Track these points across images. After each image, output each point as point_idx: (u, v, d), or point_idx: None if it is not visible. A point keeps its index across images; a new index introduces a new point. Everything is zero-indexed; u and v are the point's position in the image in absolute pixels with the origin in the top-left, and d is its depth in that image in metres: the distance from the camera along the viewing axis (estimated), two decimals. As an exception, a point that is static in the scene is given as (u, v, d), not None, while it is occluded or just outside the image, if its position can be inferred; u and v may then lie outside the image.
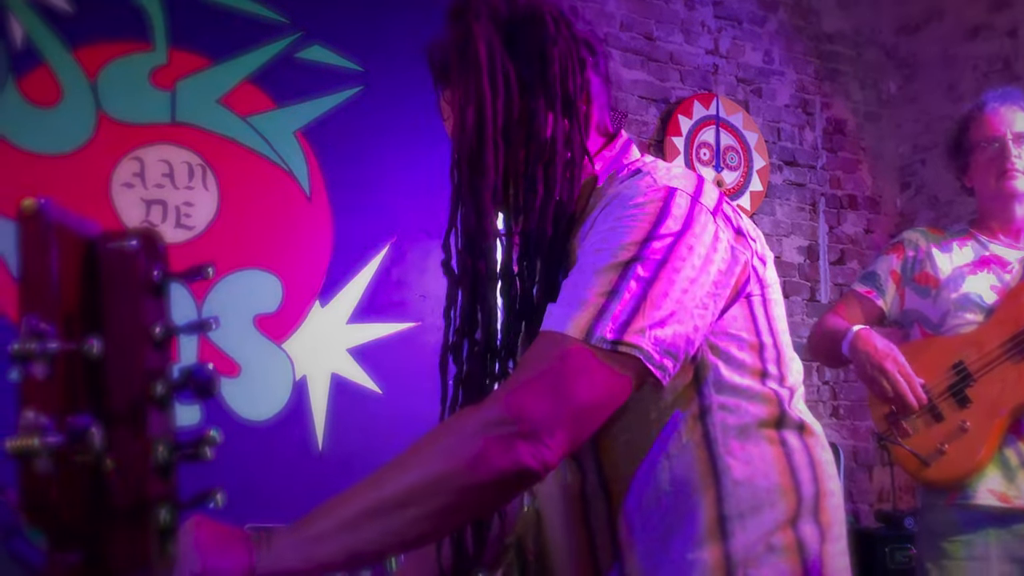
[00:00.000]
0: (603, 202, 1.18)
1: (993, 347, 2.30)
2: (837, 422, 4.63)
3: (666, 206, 1.12)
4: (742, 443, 1.17)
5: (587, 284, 1.09)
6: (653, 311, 1.08)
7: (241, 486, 2.84)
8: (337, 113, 3.31)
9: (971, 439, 2.28)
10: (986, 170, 2.45)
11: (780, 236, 4.67)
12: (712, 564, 1.14)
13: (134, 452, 0.75)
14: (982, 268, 2.42)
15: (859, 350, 2.37)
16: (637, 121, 4.34)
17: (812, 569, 1.17)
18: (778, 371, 1.21)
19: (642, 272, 1.09)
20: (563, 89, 1.23)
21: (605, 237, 1.12)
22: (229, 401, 2.98)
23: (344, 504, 1.05)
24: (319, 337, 3.12)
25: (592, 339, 1.06)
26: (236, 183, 3.13)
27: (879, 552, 3.78)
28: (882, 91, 5.14)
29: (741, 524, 1.15)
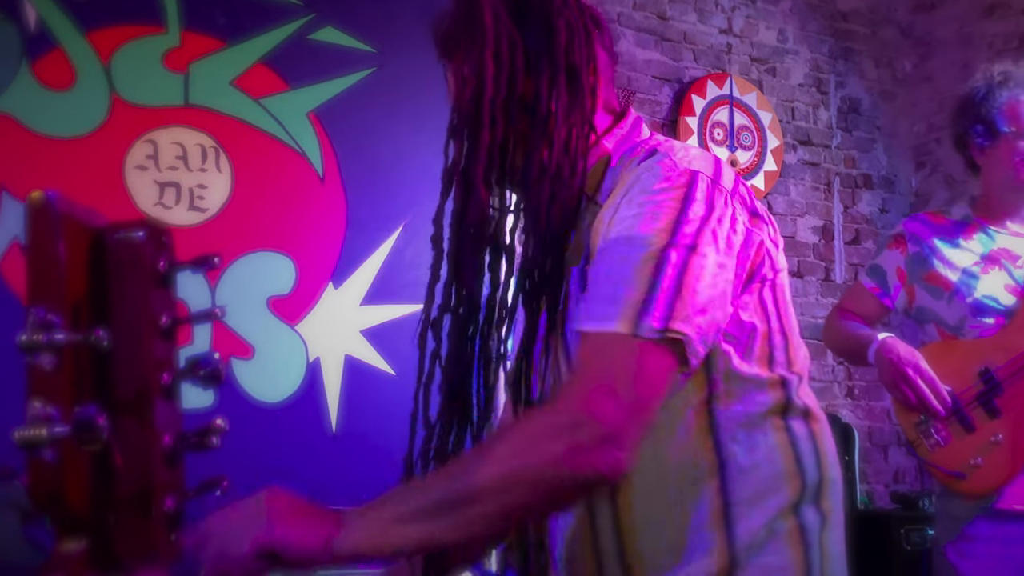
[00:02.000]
0: (624, 186, 1.17)
1: (1019, 353, 2.28)
2: (852, 402, 4.63)
3: (690, 191, 1.13)
4: (748, 431, 1.18)
5: (626, 279, 1.09)
6: (693, 297, 1.09)
7: (254, 467, 2.86)
8: (350, 94, 3.30)
9: (1004, 451, 2.26)
10: (1008, 160, 2.41)
11: (794, 216, 4.65)
12: (716, 549, 1.15)
13: (140, 441, 0.76)
14: (992, 265, 2.37)
15: (884, 358, 2.35)
16: (650, 101, 4.32)
17: (812, 554, 1.18)
18: (785, 357, 1.22)
19: (675, 259, 1.09)
20: (568, 60, 1.21)
21: (632, 224, 1.11)
22: (243, 383, 2.99)
23: (422, 493, 1.07)
24: (332, 319, 3.12)
25: (641, 331, 1.07)
26: (249, 165, 3.13)
27: (894, 533, 3.77)
28: (897, 70, 5.09)
29: (746, 511, 1.16)
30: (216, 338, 2.95)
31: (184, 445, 0.79)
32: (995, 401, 2.30)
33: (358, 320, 3.16)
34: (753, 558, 1.15)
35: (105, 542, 0.73)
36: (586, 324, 1.10)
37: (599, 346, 1.09)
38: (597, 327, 1.09)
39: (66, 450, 0.69)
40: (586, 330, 1.10)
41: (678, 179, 1.13)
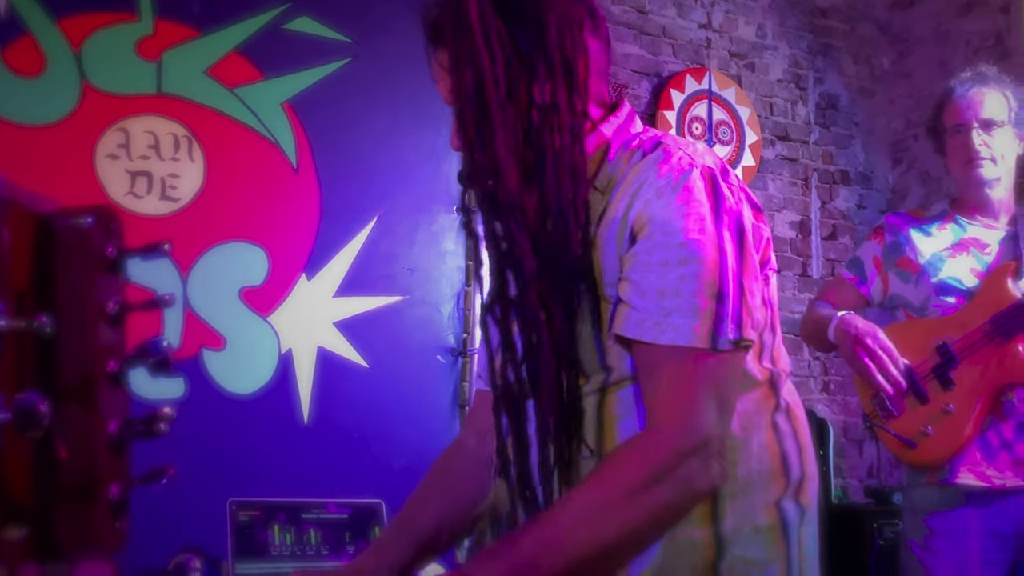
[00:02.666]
0: (635, 180, 1.17)
1: (975, 329, 2.32)
2: (828, 397, 4.64)
3: (716, 187, 1.14)
4: (742, 426, 1.18)
5: (692, 289, 1.10)
6: (752, 298, 1.13)
7: (225, 459, 2.87)
8: (325, 85, 3.28)
9: (955, 421, 2.30)
10: (955, 156, 2.46)
11: (772, 211, 4.65)
12: (703, 543, 1.17)
13: (85, 428, 0.75)
14: (961, 251, 2.42)
15: (842, 332, 2.40)
16: (629, 95, 4.31)
17: (791, 548, 1.20)
18: (772, 353, 1.24)
19: (731, 263, 1.12)
20: (561, 53, 1.20)
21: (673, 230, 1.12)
22: (214, 374, 2.97)
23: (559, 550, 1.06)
24: (305, 310, 3.11)
25: (719, 344, 1.10)
26: (222, 155, 3.11)
27: (867, 528, 3.79)
28: (875, 66, 5.11)
29: (732, 505, 1.17)
30: (187, 329, 2.93)
31: (131, 432, 0.77)
32: (950, 373, 2.35)
33: (331, 312, 3.14)
34: (736, 551, 1.16)
35: (47, 530, 0.72)
36: (667, 338, 1.11)
37: (688, 363, 1.10)
38: (680, 342, 1.10)
39: (7, 437, 0.68)
40: (667, 344, 1.11)
41: (701, 176, 1.14)
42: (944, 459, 2.31)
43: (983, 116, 2.41)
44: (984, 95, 2.43)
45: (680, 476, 1.06)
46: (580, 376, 1.21)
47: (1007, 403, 2.31)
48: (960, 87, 2.47)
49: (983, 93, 2.44)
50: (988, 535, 2.29)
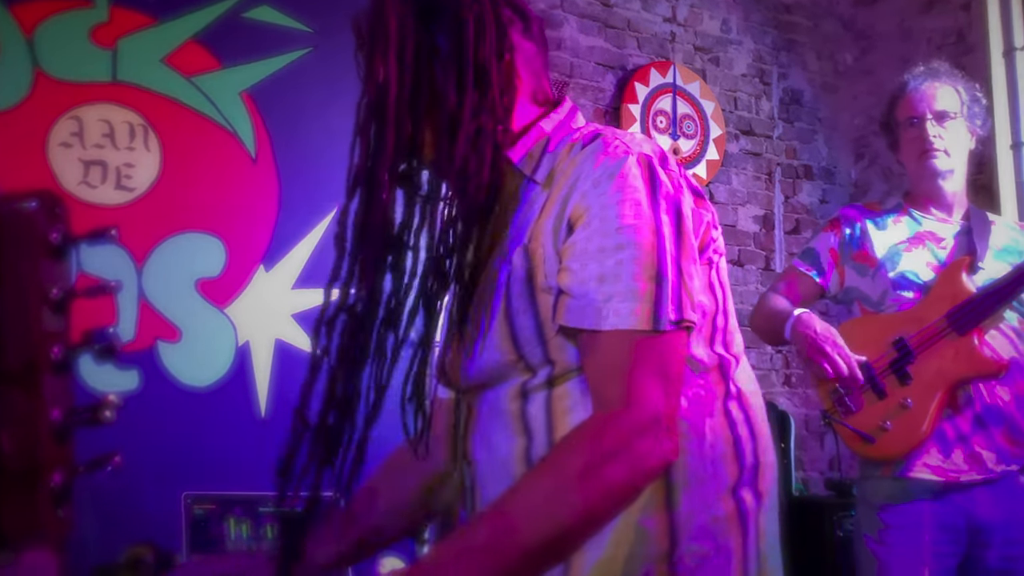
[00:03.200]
0: (574, 172, 1.17)
1: (932, 323, 2.34)
2: (789, 390, 4.67)
3: (653, 173, 1.14)
4: (693, 412, 1.18)
5: (630, 272, 1.11)
6: (690, 280, 1.14)
7: (181, 452, 2.83)
8: (285, 75, 3.25)
9: (912, 416, 2.32)
10: (909, 150, 2.48)
11: (736, 205, 4.67)
12: (657, 532, 1.16)
13: (27, 415, 0.73)
14: (917, 244, 2.44)
15: (799, 333, 2.41)
16: (593, 88, 4.31)
17: (749, 535, 1.20)
18: (724, 339, 1.23)
19: (669, 246, 1.12)
20: (476, 57, 1.20)
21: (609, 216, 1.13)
22: (169, 366, 2.93)
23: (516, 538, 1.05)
24: (263, 302, 3.07)
25: (660, 325, 1.10)
26: (179, 144, 3.06)
27: (827, 520, 3.81)
28: (839, 62, 5.14)
29: (687, 493, 1.17)
30: (142, 320, 2.89)
31: (75, 420, 0.76)
32: (907, 368, 2.36)
33: (289, 304, 3.11)
34: (692, 540, 1.16)
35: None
36: (609, 323, 1.11)
37: (632, 345, 1.10)
38: (622, 325, 1.10)
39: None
40: (609, 329, 1.11)
41: (637, 163, 1.15)
42: (903, 453, 2.32)
43: (936, 108, 2.44)
44: (937, 88, 2.46)
45: (632, 454, 1.05)
46: (528, 371, 1.20)
47: (963, 397, 2.32)
48: (913, 81, 2.50)
49: (936, 87, 2.46)
50: (941, 528, 2.31)
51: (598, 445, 1.07)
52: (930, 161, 2.44)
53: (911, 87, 2.48)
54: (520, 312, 1.18)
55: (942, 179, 2.46)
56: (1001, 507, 2.31)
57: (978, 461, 2.30)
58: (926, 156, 2.44)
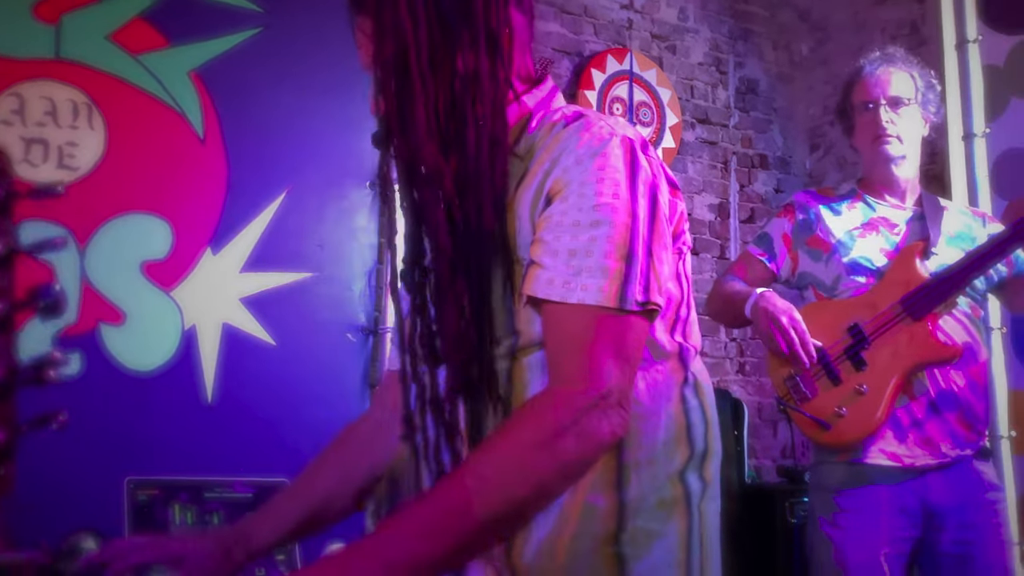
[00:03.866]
0: (557, 149, 1.17)
1: (886, 309, 2.34)
2: (743, 378, 4.69)
3: (634, 157, 1.16)
4: (650, 396, 1.20)
5: (602, 250, 1.11)
6: (660, 266, 1.14)
7: (124, 437, 2.76)
8: (234, 54, 3.18)
9: (868, 402, 2.32)
10: (863, 134, 2.49)
11: (692, 193, 4.67)
12: (606, 511, 1.16)
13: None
14: (871, 230, 2.45)
15: (759, 308, 2.41)
16: (550, 73, 4.28)
17: (693, 520, 1.21)
18: (684, 328, 1.25)
19: (642, 229, 1.13)
20: (486, 25, 1.19)
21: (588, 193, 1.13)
22: (112, 350, 2.86)
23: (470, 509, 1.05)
24: (210, 285, 3.01)
25: (626, 304, 1.11)
26: (124, 123, 2.99)
27: (780, 507, 3.83)
28: (794, 53, 5.16)
29: (637, 474, 1.18)
30: (84, 303, 2.82)
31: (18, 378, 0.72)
32: (862, 354, 2.37)
33: (237, 287, 3.05)
34: (639, 521, 1.16)
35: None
36: (575, 297, 1.11)
37: (593, 320, 1.11)
38: (587, 300, 1.11)
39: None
40: (575, 302, 1.11)
41: (621, 144, 1.15)
42: (858, 439, 2.32)
43: (891, 94, 2.45)
44: (891, 74, 2.47)
45: (583, 428, 1.06)
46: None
47: (917, 382, 2.33)
48: (869, 66, 2.51)
49: (890, 72, 2.47)
50: (896, 512, 2.32)
51: (551, 418, 1.07)
52: (883, 147, 2.45)
53: (866, 72, 2.49)
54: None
55: (895, 165, 2.47)
56: (955, 491, 2.33)
57: (932, 446, 2.31)
58: (879, 141, 2.45)
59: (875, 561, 2.30)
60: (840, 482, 2.36)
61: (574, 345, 1.11)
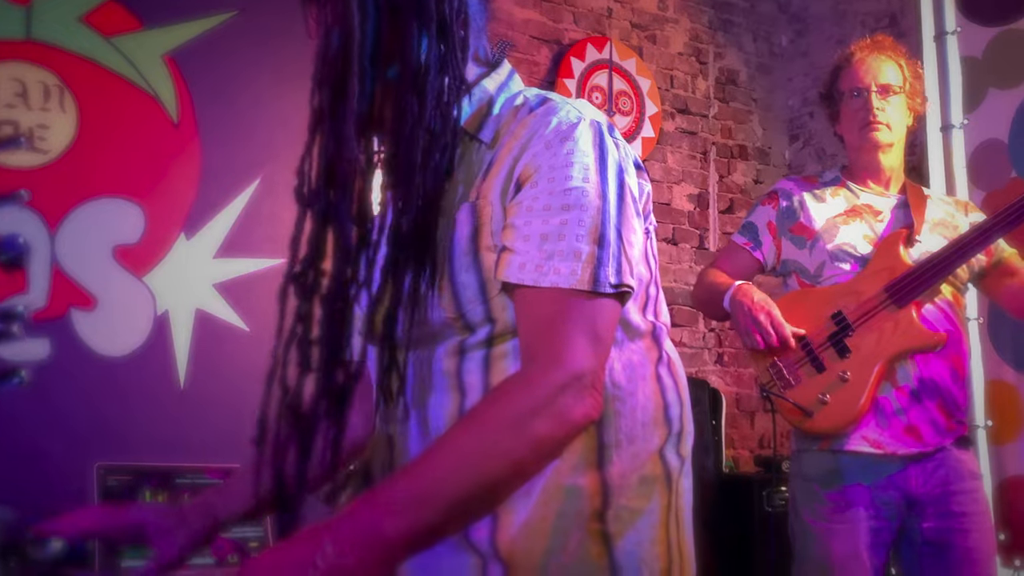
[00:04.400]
0: (525, 135, 1.16)
1: (870, 296, 2.34)
2: (722, 369, 4.68)
3: (602, 140, 1.16)
4: (628, 376, 1.20)
5: (574, 233, 1.11)
6: (630, 249, 1.15)
7: (95, 422, 2.73)
8: (210, 38, 3.15)
9: (851, 388, 2.31)
10: (851, 121, 2.49)
11: (671, 183, 4.66)
12: (589, 491, 1.16)
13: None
14: (854, 217, 2.45)
15: (737, 302, 2.41)
16: (528, 61, 4.26)
17: (672, 497, 1.22)
18: (655, 307, 1.25)
19: (613, 212, 1.13)
20: (438, 12, 1.17)
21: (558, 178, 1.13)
22: (83, 335, 2.82)
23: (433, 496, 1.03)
24: (183, 271, 2.98)
25: (599, 287, 1.11)
26: (97, 106, 2.94)
27: (756, 495, 3.83)
28: (774, 44, 5.16)
29: (618, 452, 1.18)
30: (54, 287, 2.78)
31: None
32: (845, 341, 2.36)
33: (211, 273, 3.02)
34: (623, 500, 1.17)
35: None
36: (548, 280, 1.11)
37: (566, 303, 1.11)
38: (560, 283, 1.11)
39: None
40: (548, 286, 1.11)
41: (588, 129, 1.15)
42: (841, 427, 2.31)
43: (881, 81, 2.44)
44: (881, 61, 2.47)
45: (557, 409, 1.06)
46: (467, 329, 1.19)
47: (901, 370, 2.33)
48: (859, 53, 2.49)
49: (881, 60, 2.47)
50: (877, 502, 2.31)
51: (525, 399, 1.07)
52: (872, 133, 2.44)
53: (857, 58, 2.48)
54: (463, 270, 1.17)
55: (882, 152, 2.46)
56: (935, 481, 2.32)
57: (915, 434, 2.30)
58: (869, 128, 2.44)
59: (857, 553, 2.29)
60: (823, 471, 2.35)
61: (547, 328, 1.11)
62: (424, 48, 1.16)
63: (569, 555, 1.15)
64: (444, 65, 1.17)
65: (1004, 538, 3.03)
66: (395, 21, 1.16)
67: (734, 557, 3.78)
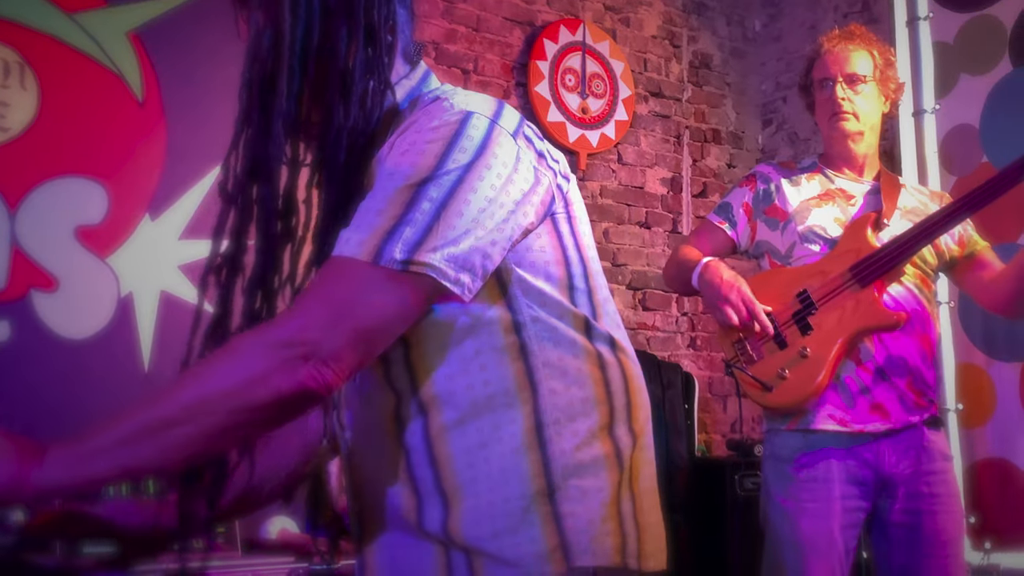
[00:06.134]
0: (401, 127, 1.18)
1: (835, 276, 2.36)
2: (694, 353, 4.68)
3: (461, 129, 1.14)
4: (559, 355, 1.20)
5: (378, 207, 1.10)
6: (447, 230, 1.10)
7: (57, 406, 2.68)
8: (176, 16, 3.09)
9: (810, 364, 2.34)
10: (822, 111, 2.54)
11: (644, 167, 4.65)
12: (532, 472, 1.16)
13: None
14: (827, 200, 2.49)
15: (706, 280, 2.42)
16: (500, 43, 4.22)
17: (624, 473, 1.21)
18: (586, 285, 1.24)
19: (435, 193, 1.10)
20: (367, 18, 1.20)
21: (399, 161, 1.13)
22: (44, 317, 2.77)
23: (121, 420, 1.05)
24: (148, 252, 2.93)
25: (381, 260, 1.07)
26: (58, 84, 2.89)
27: (728, 479, 3.84)
28: (747, 28, 5.15)
29: (557, 431, 1.18)
30: (14, 268, 2.73)
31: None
32: (808, 319, 2.38)
33: (176, 254, 2.98)
34: (571, 480, 1.17)
35: None
36: (336, 250, 1.11)
37: (333, 270, 1.10)
38: (343, 252, 1.10)
39: None
40: (333, 254, 1.11)
41: (451, 118, 1.15)
42: (800, 401, 2.34)
43: (847, 71, 2.47)
44: (850, 51, 2.49)
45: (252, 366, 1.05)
46: None
47: (864, 349, 2.34)
48: (827, 43, 2.52)
49: (849, 49, 2.49)
50: (849, 481, 2.33)
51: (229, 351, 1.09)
52: (840, 123, 2.47)
53: (825, 49, 2.51)
54: None
55: (852, 141, 2.49)
56: (906, 460, 2.34)
57: (882, 412, 2.33)
58: (836, 118, 2.47)
59: (830, 533, 2.31)
60: (793, 451, 2.37)
61: (304, 292, 1.12)
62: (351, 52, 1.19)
63: (521, 536, 1.15)
64: (370, 69, 1.20)
65: (974, 521, 3.06)
66: (325, 24, 1.18)
67: (706, 540, 3.79)
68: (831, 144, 2.52)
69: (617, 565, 1.18)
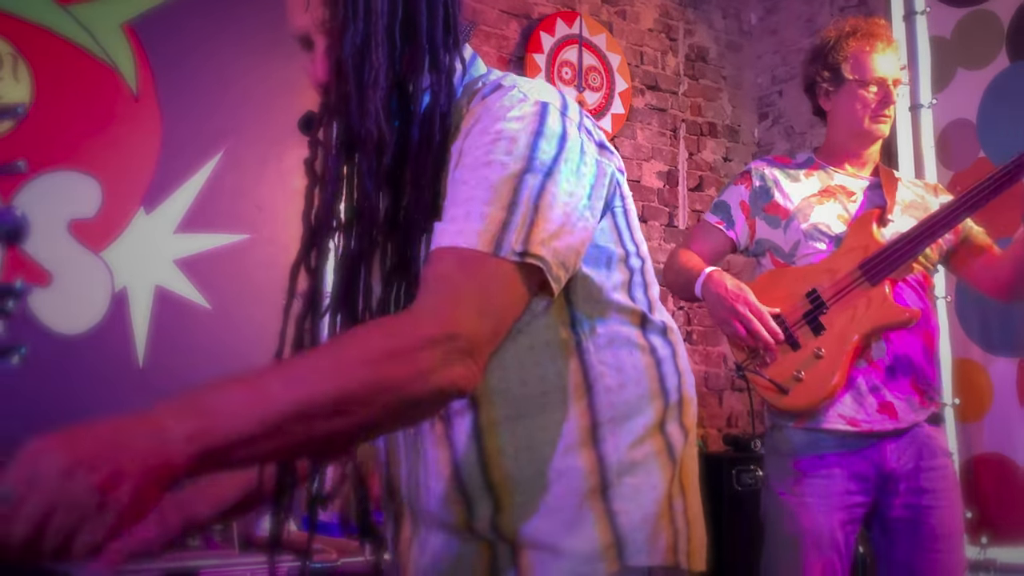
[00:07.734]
0: (474, 117, 1.16)
1: (844, 274, 2.34)
2: (690, 347, 4.68)
3: (542, 119, 1.13)
4: (614, 351, 1.19)
5: (485, 197, 1.08)
6: (547, 224, 1.09)
7: (50, 401, 2.66)
8: (170, 7, 3.07)
9: (825, 365, 2.31)
10: (856, 107, 2.44)
11: (640, 160, 4.63)
12: (586, 470, 1.16)
13: None
14: (828, 197, 2.45)
15: (711, 292, 2.38)
16: (497, 35, 4.20)
17: (677, 470, 1.21)
18: (643, 280, 1.24)
19: (532, 182, 1.09)
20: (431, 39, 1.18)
21: (491, 149, 1.11)
22: (38, 312, 2.75)
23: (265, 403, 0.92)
24: (143, 246, 2.91)
25: (502, 251, 1.06)
26: (52, 76, 2.86)
27: (725, 474, 3.83)
28: (743, 22, 5.14)
29: (612, 430, 1.17)
30: (7, 262, 2.69)
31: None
32: (820, 319, 2.36)
33: (171, 249, 2.95)
34: (626, 477, 1.16)
35: None
36: (448, 240, 1.08)
37: (461, 262, 1.06)
38: (460, 243, 1.06)
39: None
40: (447, 245, 1.07)
41: (530, 108, 1.13)
42: (816, 403, 2.31)
43: (894, 77, 2.45)
44: (897, 59, 2.48)
45: (416, 359, 0.99)
46: None
47: (876, 347, 2.33)
48: (880, 44, 2.45)
49: (896, 56, 2.48)
50: (852, 478, 2.32)
51: (387, 339, 1.01)
52: (879, 125, 2.45)
53: (879, 49, 2.44)
54: None
55: (874, 142, 2.46)
56: (908, 456, 2.34)
57: (890, 411, 2.32)
58: (877, 120, 2.43)
59: (831, 529, 2.30)
60: (797, 447, 2.35)
61: (437, 284, 1.06)
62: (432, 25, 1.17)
63: (574, 534, 1.15)
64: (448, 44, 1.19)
65: (971, 516, 3.06)
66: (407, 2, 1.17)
67: (702, 535, 3.78)
68: (848, 140, 2.47)
69: (671, 564, 1.18)
